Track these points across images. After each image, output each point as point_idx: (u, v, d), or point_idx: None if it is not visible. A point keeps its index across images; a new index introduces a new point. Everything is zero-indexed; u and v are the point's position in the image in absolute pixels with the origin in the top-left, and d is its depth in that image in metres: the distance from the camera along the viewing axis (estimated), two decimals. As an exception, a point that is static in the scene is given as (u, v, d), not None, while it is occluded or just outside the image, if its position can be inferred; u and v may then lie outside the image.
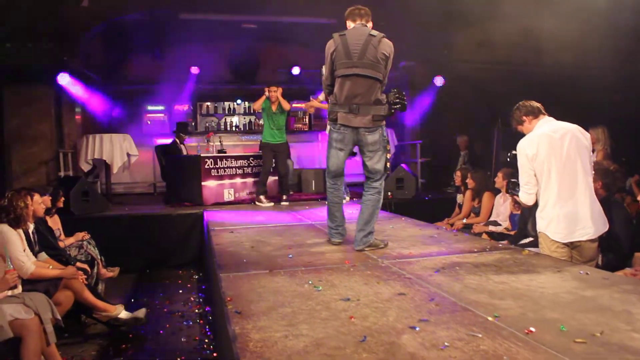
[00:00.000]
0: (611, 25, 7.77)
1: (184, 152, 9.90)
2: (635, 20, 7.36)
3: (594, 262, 4.18)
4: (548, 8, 7.22)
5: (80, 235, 6.16)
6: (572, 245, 4.07)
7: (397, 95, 4.47)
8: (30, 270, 4.34)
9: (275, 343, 2.41)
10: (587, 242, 4.04)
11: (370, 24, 4.58)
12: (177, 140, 9.92)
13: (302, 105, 12.66)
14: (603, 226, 4.09)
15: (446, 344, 2.36)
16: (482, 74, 10.51)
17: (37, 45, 8.80)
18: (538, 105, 4.27)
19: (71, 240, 6.06)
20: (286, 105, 8.34)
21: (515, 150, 4.24)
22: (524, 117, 4.29)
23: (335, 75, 4.50)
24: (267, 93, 8.27)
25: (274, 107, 8.31)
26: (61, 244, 5.74)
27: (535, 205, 4.29)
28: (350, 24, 4.59)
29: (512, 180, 4.60)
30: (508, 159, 4.93)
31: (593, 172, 4.34)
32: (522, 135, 4.35)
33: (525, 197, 4.22)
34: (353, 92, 4.40)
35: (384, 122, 4.54)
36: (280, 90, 8.33)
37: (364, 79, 4.37)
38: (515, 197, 4.64)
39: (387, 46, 4.40)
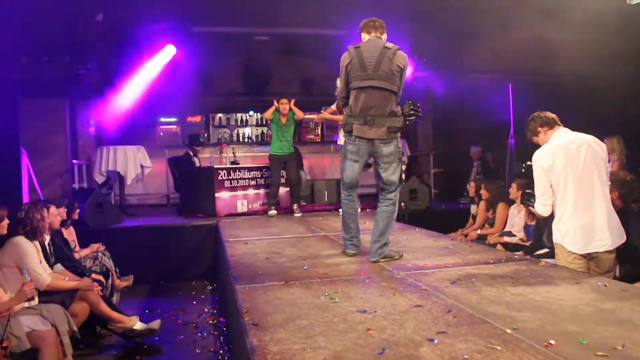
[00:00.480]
0: (625, 35, 7.73)
1: (197, 164, 9.92)
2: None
3: (611, 273, 4.14)
4: (561, 17, 7.20)
5: (95, 246, 6.20)
6: (589, 257, 4.07)
7: (411, 107, 4.48)
8: (47, 281, 4.37)
9: (294, 355, 2.40)
10: (605, 254, 4.03)
11: (384, 36, 4.61)
12: (190, 153, 9.95)
13: (313, 116, 12.70)
14: (620, 237, 4.07)
15: (465, 356, 2.34)
16: (495, 84, 10.48)
17: (52, 59, 8.90)
18: (553, 116, 4.29)
19: (86, 251, 6.10)
20: (300, 114, 8.40)
21: (530, 161, 4.24)
22: (539, 128, 4.30)
23: (350, 87, 4.51)
24: (276, 104, 8.32)
25: (283, 119, 8.36)
26: (76, 256, 5.78)
27: (551, 216, 4.28)
28: (365, 36, 4.61)
29: (527, 191, 4.62)
30: (523, 170, 4.93)
31: (609, 182, 4.34)
32: (537, 145, 4.34)
33: (541, 208, 4.23)
34: (368, 104, 4.41)
35: (399, 134, 4.54)
36: (293, 101, 8.37)
37: (379, 91, 4.38)
38: (531, 208, 4.62)
39: (402, 58, 4.41)
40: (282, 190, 8.76)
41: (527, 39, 8.56)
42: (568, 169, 4.04)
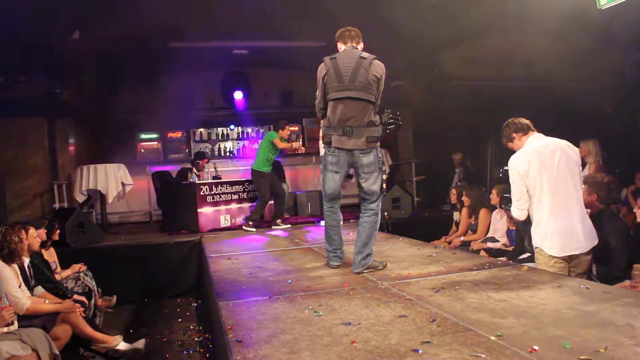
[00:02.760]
0: (601, 39, 7.86)
1: (192, 179, 9.59)
2: (624, 34, 7.45)
3: (586, 274, 4.28)
4: (536, 23, 7.30)
5: (76, 267, 6.12)
6: (569, 259, 4.16)
7: (391, 115, 4.49)
8: (26, 305, 4.29)
9: (278, 372, 2.38)
10: (582, 255, 4.17)
11: (361, 45, 4.61)
12: (194, 169, 9.61)
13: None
14: (594, 239, 4.21)
15: (450, 366, 2.34)
16: (473, 91, 10.59)
17: (29, 78, 8.81)
18: (527, 122, 4.38)
19: (67, 272, 6.01)
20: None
21: (507, 165, 4.32)
22: (514, 134, 4.40)
23: (328, 98, 4.51)
24: (294, 145, 8.61)
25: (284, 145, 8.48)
26: (57, 277, 5.69)
27: (531, 220, 4.35)
28: (341, 46, 4.62)
29: (505, 195, 4.69)
30: (500, 175, 5.00)
31: (584, 185, 4.52)
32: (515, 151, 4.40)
33: (517, 212, 4.32)
34: (346, 114, 4.41)
35: (379, 143, 4.55)
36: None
37: (357, 102, 4.38)
38: (508, 212, 4.74)
39: (378, 68, 4.42)
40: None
41: (503, 46, 8.66)
42: (543, 173, 4.12)
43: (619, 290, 3.57)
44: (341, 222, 4.99)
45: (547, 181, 4.11)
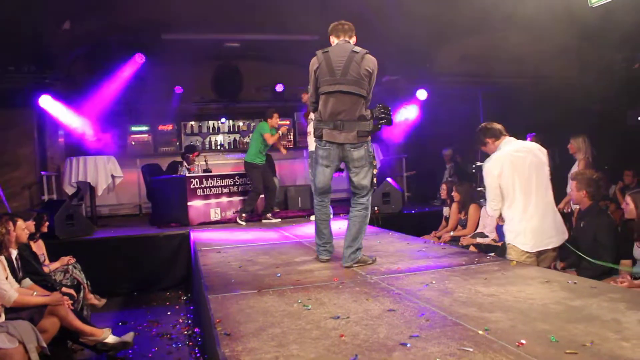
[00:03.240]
0: (591, 37, 7.90)
1: (183, 173, 9.55)
2: (614, 31, 7.49)
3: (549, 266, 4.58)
4: (527, 20, 7.32)
5: (65, 259, 6.08)
6: (538, 254, 4.45)
7: (382, 110, 4.50)
8: (13, 298, 4.26)
9: (266, 365, 2.39)
10: (549, 250, 4.49)
11: (354, 39, 4.61)
12: (184, 162, 9.60)
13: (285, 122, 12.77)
14: (564, 234, 4.54)
15: (438, 359, 2.35)
16: (465, 87, 10.61)
17: (18, 69, 8.73)
18: (499, 127, 4.65)
19: (56, 265, 5.97)
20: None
21: (479, 161, 4.68)
22: (487, 139, 4.68)
23: (319, 92, 4.51)
24: (280, 133, 8.56)
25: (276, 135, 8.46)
26: (46, 269, 5.66)
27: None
28: (333, 40, 4.61)
29: (479, 189, 4.96)
30: (473, 171, 5.14)
31: (573, 181, 4.91)
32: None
33: (492, 212, 4.66)
34: (337, 108, 4.41)
35: (369, 138, 4.55)
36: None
37: (348, 96, 4.39)
38: (483, 206, 5.06)
39: (370, 62, 4.42)
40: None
41: (493, 42, 8.68)
42: (515, 175, 4.38)
43: (605, 285, 3.60)
44: (331, 216, 5.00)
45: (519, 183, 4.38)
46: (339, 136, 4.43)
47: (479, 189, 4.95)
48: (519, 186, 4.38)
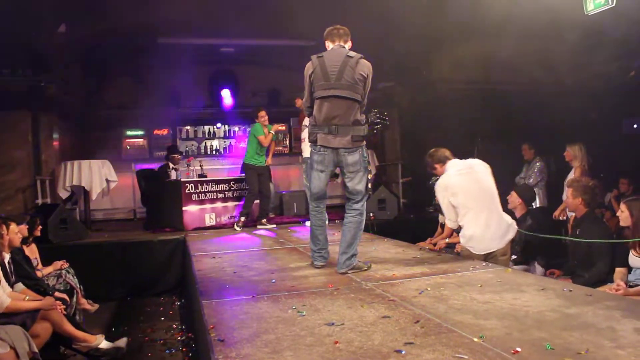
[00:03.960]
0: (586, 45, 7.92)
1: (173, 176, 9.66)
2: (610, 40, 7.52)
3: (506, 256, 5.04)
4: (523, 28, 7.34)
5: (58, 264, 6.03)
6: (486, 257, 4.87)
7: (377, 115, 4.49)
8: (6, 304, 4.20)
9: (259, 371, 2.36)
10: (499, 255, 4.89)
11: (349, 44, 4.62)
12: (170, 164, 9.68)
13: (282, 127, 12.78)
14: (506, 237, 4.93)
15: (433, 367, 2.34)
16: (460, 94, 10.61)
17: (13, 72, 8.70)
18: (446, 153, 5.15)
19: (49, 269, 5.92)
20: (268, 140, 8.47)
21: (434, 177, 5.29)
22: (436, 165, 5.17)
23: (314, 96, 4.51)
24: (273, 130, 8.49)
25: (268, 134, 8.41)
26: (39, 274, 5.60)
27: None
28: (329, 45, 4.62)
29: (435, 203, 5.51)
30: (430, 183, 5.59)
31: (569, 188, 5.13)
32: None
33: (450, 224, 5.19)
34: (331, 113, 4.40)
35: (364, 143, 4.54)
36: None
37: (343, 100, 4.38)
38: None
39: (365, 67, 4.42)
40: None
41: (489, 49, 8.70)
42: (461, 193, 4.85)
43: (601, 293, 3.59)
44: (327, 222, 4.98)
45: (465, 198, 4.85)
46: (334, 141, 4.43)
47: (434, 203, 5.65)
48: (466, 200, 4.85)
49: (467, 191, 4.87)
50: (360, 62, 4.41)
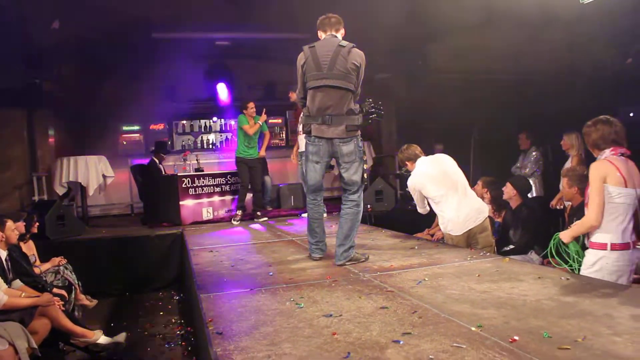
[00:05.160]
0: (582, 33, 7.91)
1: (163, 172, 9.78)
2: (606, 28, 7.51)
3: (491, 247, 5.28)
4: (519, 17, 7.32)
5: (56, 260, 6.04)
6: (467, 237, 5.16)
7: (372, 104, 4.47)
8: (3, 301, 4.21)
9: (258, 364, 2.36)
10: (477, 233, 5.15)
11: (342, 32, 4.60)
12: (156, 160, 9.79)
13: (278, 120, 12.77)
14: (480, 214, 5.18)
15: (431, 356, 2.34)
16: (457, 84, 10.60)
17: (8, 68, 8.65)
18: (416, 151, 5.52)
19: (47, 265, 5.94)
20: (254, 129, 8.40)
21: (404, 170, 5.76)
22: (407, 162, 5.56)
23: (307, 87, 4.49)
24: (260, 120, 8.41)
25: (252, 125, 8.31)
26: (37, 270, 5.62)
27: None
28: (321, 34, 4.59)
29: (407, 190, 5.83)
30: (404, 173, 5.92)
31: (565, 178, 5.24)
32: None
33: (420, 211, 5.64)
34: (324, 103, 4.39)
35: (359, 133, 4.53)
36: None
37: (335, 90, 4.36)
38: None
39: (357, 56, 4.40)
40: (248, 196, 8.67)
41: (487, 39, 8.67)
42: (431, 185, 5.19)
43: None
44: (324, 215, 4.98)
45: (436, 188, 5.18)
46: (327, 131, 4.42)
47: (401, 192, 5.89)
48: (436, 189, 5.17)
49: (435, 180, 5.19)
50: (353, 51, 4.39)
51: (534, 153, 8.19)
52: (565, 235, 3.89)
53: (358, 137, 4.52)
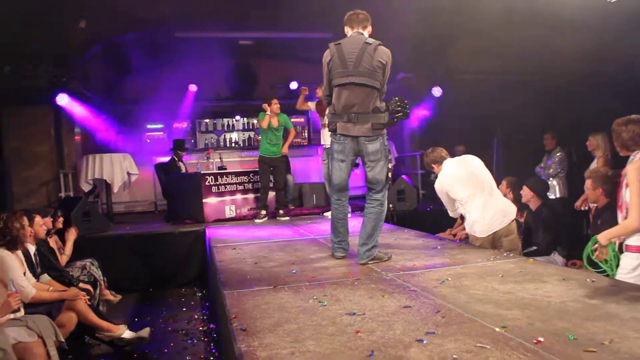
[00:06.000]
0: (608, 32, 7.80)
1: (183, 170, 9.88)
2: (633, 28, 7.40)
3: (517, 251, 5.20)
4: (545, 16, 7.25)
5: (71, 232, 6.27)
6: (491, 239, 5.13)
7: (398, 103, 4.43)
8: (31, 294, 4.30)
9: (282, 360, 2.38)
10: (502, 237, 5.13)
11: (369, 29, 4.57)
12: (175, 158, 9.90)
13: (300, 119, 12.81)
14: (505, 217, 5.14)
15: (455, 356, 2.34)
16: (480, 84, 10.52)
17: (35, 67, 8.81)
18: (442, 154, 5.49)
19: (68, 245, 6.10)
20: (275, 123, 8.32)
21: (433, 175, 5.67)
22: (433, 165, 5.52)
23: (332, 84, 4.48)
24: (267, 108, 8.20)
25: (274, 123, 8.27)
26: (64, 258, 5.78)
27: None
28: (348, 31, 4.58)
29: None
30: (432, 178, 5.86)
31: (589, 179, 5.09)
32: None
33: (451, 214, 5.63)
34: (350, 101, 4.38)
35: (385, 131, 4.50)
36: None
37: (361, 88, 4.35)
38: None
39: (383, 54, 4.37)
40: (270, 194, 8.70)
41: (509, 39, 8.60)
42: (458, 186, 5.17)
43: (625, 284, 3.54)
44: (349, 215, 4.98)
45: (462, 190, 5.15)
46: (353, 129, 4.40)
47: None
48: (463, 192, 5.14)
49: (462, 181, 5.16)
50: (379, 48, 4.36)
51: (558, 154, 8.11)
52: (603, 237, 3.74)
53: (384, 136, 4.49)
